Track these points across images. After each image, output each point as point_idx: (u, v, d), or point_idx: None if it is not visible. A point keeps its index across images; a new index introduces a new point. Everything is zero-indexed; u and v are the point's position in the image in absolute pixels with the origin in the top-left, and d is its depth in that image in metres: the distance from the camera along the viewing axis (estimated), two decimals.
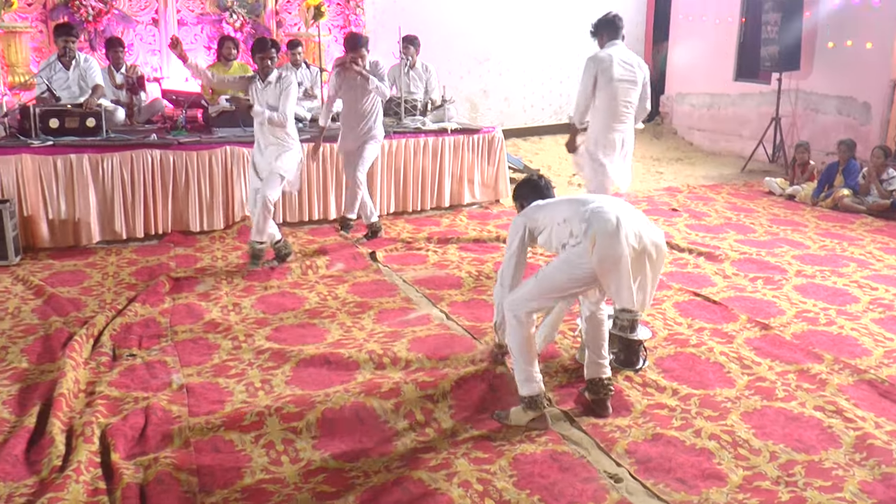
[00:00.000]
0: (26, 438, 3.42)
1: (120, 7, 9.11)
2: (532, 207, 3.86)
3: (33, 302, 5.17)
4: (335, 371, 4.13)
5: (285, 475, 3.26)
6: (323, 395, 3.81)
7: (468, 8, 11.28)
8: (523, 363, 3.63)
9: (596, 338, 3.86)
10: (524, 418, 3.64)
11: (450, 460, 3.36)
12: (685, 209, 8.00)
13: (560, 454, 3.42)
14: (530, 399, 3.62)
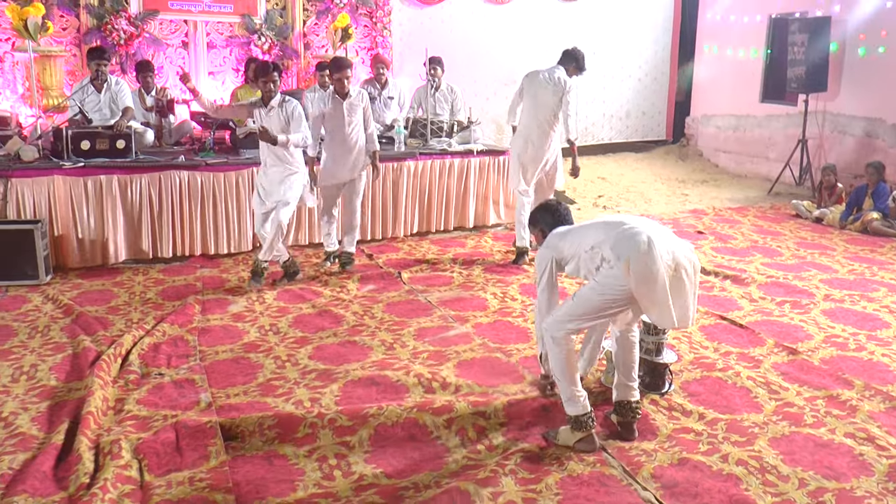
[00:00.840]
0: (54, 455, 3.46)
1: (151, 31, 9.28)
2: (554, 236, 3.84)
3: (62, 320, 5.24)
4: (384, 393, 4.14)
5: (337, 489, 3.29)
6: (376, 408, 3.83)
7: (494, 30, 11.36)
8: (566, 383, 3.61)
9: (627, 361, 3.82)
10: (572, 438, 3.63)
11: (497, 477, 3.35)
12: (711, 232, 7.95)
13: (607, 477, 3.40)
14: (576, 419, 3.60)
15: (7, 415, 3.88)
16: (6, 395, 4.12)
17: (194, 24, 9.52)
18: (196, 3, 9.44)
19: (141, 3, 9.17)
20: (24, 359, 4.59)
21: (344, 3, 9.96)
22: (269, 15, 9.75)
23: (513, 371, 4.42)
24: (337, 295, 5.85)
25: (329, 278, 6.24)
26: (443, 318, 5.37)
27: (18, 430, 3.72)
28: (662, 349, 4.22)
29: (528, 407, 3.93)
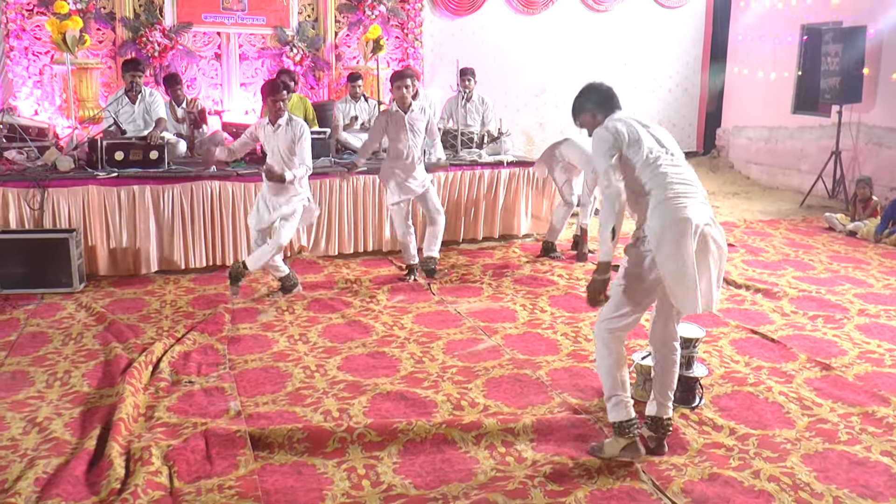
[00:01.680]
0: (86, 460, 3.50)
1: (184, 43, 9.42)
2: (614, 120, 3.63)
3: (95, 328, 5.30)
4: (413, 408, 4.12)
5: (366, 499, 3.29)
6: (405, 423, 3.83)
7: (525, 41, 11.40)
8: (611, 386, 3.56)
9: (665, 381, 3.72)
10: (617, 447, 3.57)
11: (526, 489, 3.33)
12: (742, 244, 7.86)
13: (637, 491, 3.36)
14: (619, 425, 3.55)
15: (41, 420, 3.94)
16: (41, 400, 4.18)
17: (227, 37, 9.66)
18: (229, 16, 9.58)
19: (175, 16, 9.33)
20: (58, 365, 4.66)
21: (375, 14, 10.06)
22: (301, 27, 9.87)
23: (542, 391, 4.38)
24: (366, 305, 5.86)
25: (359, 288, 6.26)
26: (472, 329, 5.36)
27: (52, 435, 3.77)
28: (693, 362, 4.18)
29: (557, 424, 3.90)
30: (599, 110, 3.77)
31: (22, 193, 6.20)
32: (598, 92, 3.82)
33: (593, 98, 3.81)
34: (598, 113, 3.77)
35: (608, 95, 3.80)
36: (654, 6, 12.09)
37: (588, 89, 3.85)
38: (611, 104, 3.77)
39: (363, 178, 7.10)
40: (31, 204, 6.21)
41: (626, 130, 3.57)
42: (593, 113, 3.79)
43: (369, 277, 6.58)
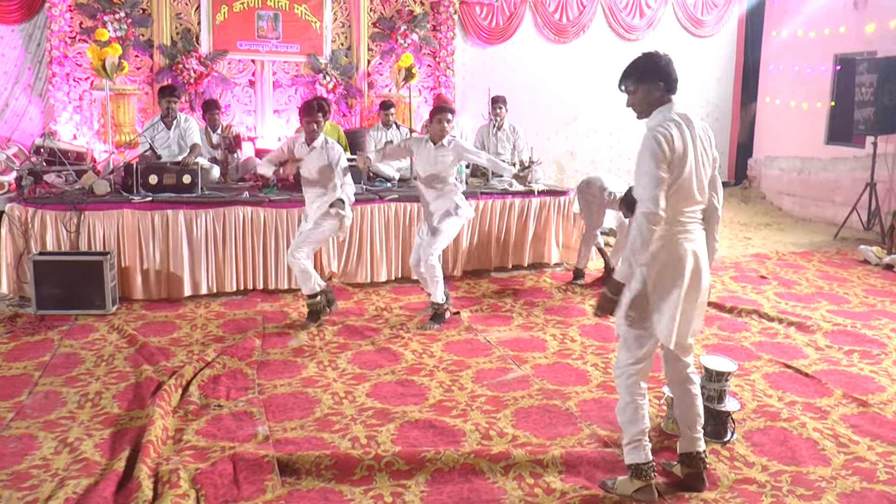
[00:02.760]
0: (115, 481, 3.52)
1: (219, 70, 9.58)
2: (670, 122, 3.27)
3: (126, 350, 5.35)
4: (441, 437, 4.09)
5: None
6: (433, 452, 3.80)
7: (556, 70, 11.44)
8: (634, 432, 3.48)
9: (690, 416, 3.64)
10: (630, 488, 3.50)
11: None
12: (774, 277, 7.77)
13: None
14: (636, 467, 3.48)
15: (73, 440, 3.98)
16: (72, 420, 4.22)
17: (261, 64, 9.81)
18: (264, 44, 9.73)
19: (211, 44, 9.49)
20: (90, 386, 4.71)
21: (408, 42, 10.16)
22: (334, 55, 9.99)
23: (571, 422, 4.33)
24: (396, 333, 5.86)
25: (389, 316, 6.26)
26: (502, 358, 5.33)
27: (82, 456, 3.81)
28: (725, 396, 4.12)
29: (586, 457, 3.85)
30: (665, 91, 3.34)
31: (60, 216, 6.31)
32: (667, 65, 3.34)
33: (663, 70, 3.33)
34: (663, 93, 3.34)
35: (674, 76, 3.35)
36: (685, 35, 12.10)
37: (657, 57, 3.37)
38: (674, 87, 3.35)
39: (394, 205, 7.13)
40: (67, 226, 6.31)
41: (680, 145, 3.24)
42: (656, 90, 3.35)
43: (399, 304, 6.58)
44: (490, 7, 10.80)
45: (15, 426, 4.15)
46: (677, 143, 3.24)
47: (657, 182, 3.19)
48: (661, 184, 3.19)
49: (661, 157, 3.19)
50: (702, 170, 3.37)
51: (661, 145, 3.20)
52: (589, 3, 11.37)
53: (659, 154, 3.19)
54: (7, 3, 8.94)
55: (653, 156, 3.20)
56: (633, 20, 11.70)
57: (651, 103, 3.36)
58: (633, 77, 3.37)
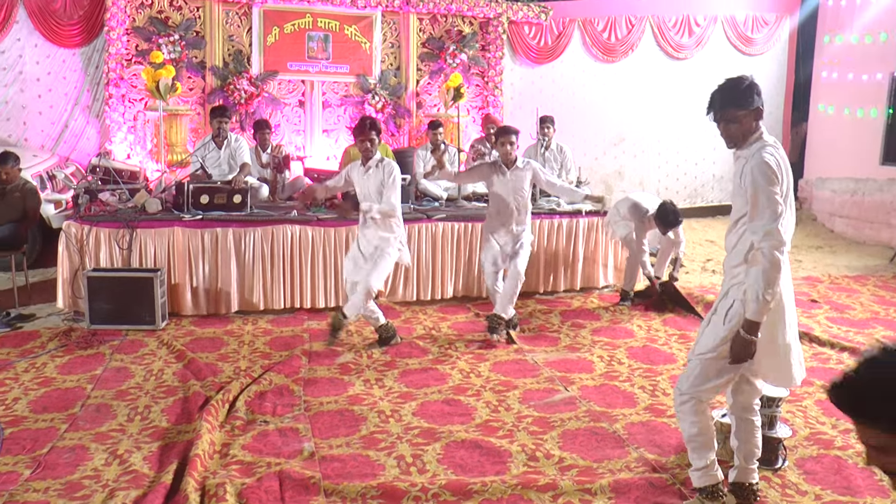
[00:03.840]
0: (163, 494, 3.55)
1: (270, 90, 9.75)
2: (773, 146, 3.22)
3: (175, 365, 5.43)
4: (487, 457, 4.06)
5: None
6: (480, 484, 3.75)
7: (604, 89, 11.41)
8: (702, 450, 3.41)
9: (749, 447, 3.54)
10: None
11: None
12: (826, 301, 7.58)
13: None
14: (711, 489, 3.42)
15: (122, 452, 4.04)
16: (122, 433, 4.29)
17: (311, 84, 9.95)
18: (314, 64, 9.88)
19: (262, 65, 9.67)
20: (139, 400, 4.78)
21: (457, 62, 10.23)
22: (383, 75, 10.09)
23: (618, 445, 4.26)
24: (444, 352, 5.85)
25: (437, 335, 6.27)
26: (549, 379, 5.28)
27: (132, 468, 3.86)
28: (776, 422, 4.02)
29: (634, 484, 3.78)
30: (760, 118, 3.23)
31: (113, 234, 6.45)
32: (758, 92, 3.21)
33: (758, 98, 3.20)
34: (758, 120, 3.23)
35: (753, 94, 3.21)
36: (734, 53, 11.97)
37: (754, 83, 3.22)
38: (757, 110, 3.23)
39: (441, 224, 7.14)
40: (120, 244, 6.45)
41: (784, 167, 3.17)
42: (755, 117, 3.22)
43: (447, 324, 6.58)
44: (539, 26, 10.83)
45: (68, 437, 4.24)
46: (784, 163, 3.19)
47: (777, 210, 3.13)
48: (782, 212, 3.15)
49: (776, 179, 3.14)
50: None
51: (774, 164, 3.14)
52: (638, 21, 11.34)
53: (772, 176, 3.13)
54: (69, 28, 9.24)
55: (769, 175, 3.12)
56: (681, 39, 11.63)
57: (750, 131, 3.25)
58: (735, 104, 3.21)
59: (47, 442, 4.16)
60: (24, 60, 9.27)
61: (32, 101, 9.36)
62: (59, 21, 9.21)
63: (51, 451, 4.05)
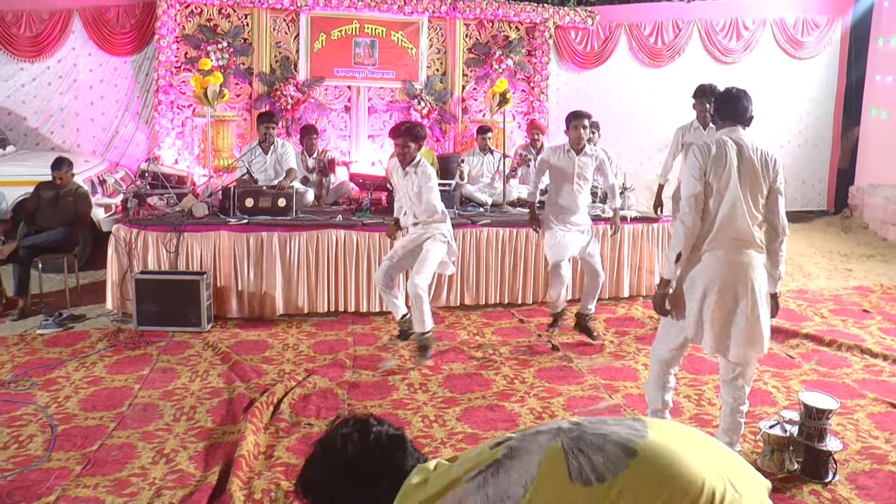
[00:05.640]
0: (209, 493, 3.61)
1: (316, 96, 9.84)
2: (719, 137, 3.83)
3: (220, 367, 5.49)
4: None
5: None
6: None
7: (650, 94, 11.29)
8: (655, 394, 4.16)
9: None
10: None
11: None
12: (878, 311, 7.39)
13: None
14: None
15: (169, 451, 4.11)
16: (168, 432, 4.36)
17: (357, 90, 10.02)
18: (360, 70, 9.95)
19: (309, 71, 9.76)
20: (185, 400, 4.85)
21: (503, 68, 10.22)
22: (429, 80, 10.12)
23: None
24: (489, 357, 5.83)
25: (482, 341, 6.24)
26: (594, 387, 5.24)
27: (178, 467, 3.92)
28: (826, 435, 3.92)
29: None
30: (717, 115, 3.93)
31: (160, 237, 6.56)
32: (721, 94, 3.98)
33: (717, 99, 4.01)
34: (722, 119, 3.90)
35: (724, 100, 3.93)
36: (783, 57, 11.76)
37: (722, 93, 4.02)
38: (726, 112, 3.89)
39: (486, 230, 7.12)
40: (167, 247, 6.55)
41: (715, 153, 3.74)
42: (717, 116, 3.95)
43: (491, 329, 6.55)
44: (585, 31, 10.77)
45: (116, 435, 4.31)
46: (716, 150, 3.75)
47: (690, 186, 3.76)
48: (696, 189, 3.74)
49: (695, 165, 3.75)
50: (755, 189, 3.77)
51: (697, 157, 3.76)
52: (685, 25, 11.21)
53: (694, 163, 3.76)
54: (122, 36, 9.45)
55: (690, 166, 3.79)
56: (729, 42, 11.46)
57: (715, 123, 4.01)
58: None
59: (97, 439, 4.25)
60: (78, 69, 9.50)
61: (85, 108, 9.58)
62: (112, 30, 9.42)
63: (100, 449, 4.13)
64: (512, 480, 1.77)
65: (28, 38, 9.25)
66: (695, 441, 1.90)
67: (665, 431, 1.89)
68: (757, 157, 3.76)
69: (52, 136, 9.53)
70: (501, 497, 1.75)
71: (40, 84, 9.42)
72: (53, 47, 9.33)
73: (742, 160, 3.72)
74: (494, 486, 1.77)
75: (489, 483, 1.77)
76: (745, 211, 3.71)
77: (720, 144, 3.74)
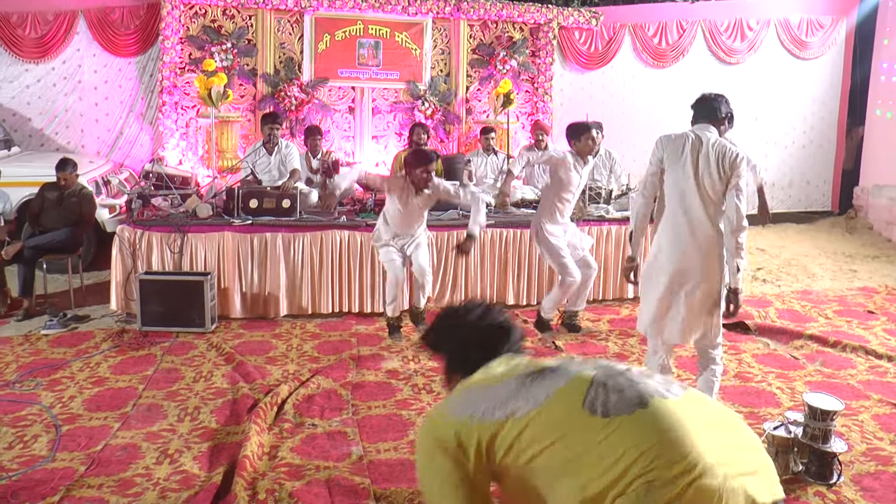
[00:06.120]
0: (213, 494, 3.62)
1: (320, 97, 9.85)
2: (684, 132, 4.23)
3: (224, 367, 5.49)
4: None
5: None
6: None
7: (654, 95, 11.27)
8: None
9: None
10: None
11: None
12: (883, 312, 7.36)
13: None
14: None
15: (173, 452, 4.12)
16: (172, 433, 4.36)
17: (361, 91, 10.02)
18: (364, 71, 9.95)
19: (313, 72, 9.77)
20: (189, 401, 4.86)
21: (507, 69, 10.21)
22: (433, 81, 10.11)
23: None
24: None
25: None
26: None
27: (182, 468, 3.93)
28: (830, 436, 3.91)
29: None
30: (693, 115, 4.24)
31: (164, 238, 6.56)
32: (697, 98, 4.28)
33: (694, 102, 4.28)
34: (693, 118, 4.24)
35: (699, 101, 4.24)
36: (788, 58, 11.74)
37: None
38: (699, 112, 4.20)
39: (490, 231, 7.11)
40: (172, 248, 6.56)
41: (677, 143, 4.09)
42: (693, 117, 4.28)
43: None
44: (589, 32, 10.76)
45: (121, 435, 4.32)
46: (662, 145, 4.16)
47: (646, 171, 4.24)
48: (649, 172, 4.22)
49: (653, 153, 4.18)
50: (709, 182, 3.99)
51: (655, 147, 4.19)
52: (689, 26, 11.19)
53: (654, 150, 4.19)
54: (126, 37, 9.46)
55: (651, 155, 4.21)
56: (734, 43, 11.44)
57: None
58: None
59: (101, 440, 4.26)
60: (82, 70, 9.52)
61: (89, 109, 9.60)
62: (117, 31, 9.44)
63: (104, 449, 4.14)
64: (542, 388, 2.11)
65: (33, 39, 9.27)
66: (723, 428, 1.98)
67: (697, 406, 2.03)
68: (714, 153, 3.98)
69: (56, 136, 9.55)
70: (526, 398, 2.09)
71: (45, 85, 9.44)
72: (58, 48, 9.35)
73: (698, 153, 3.99)
74: (528, 388, 2.13)
75: (526, 385, 2.14)
76: (699, 201, 3.95)
77: (680, 137, 4.08)
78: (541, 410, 2.03)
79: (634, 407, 1.95)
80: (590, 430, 1.94)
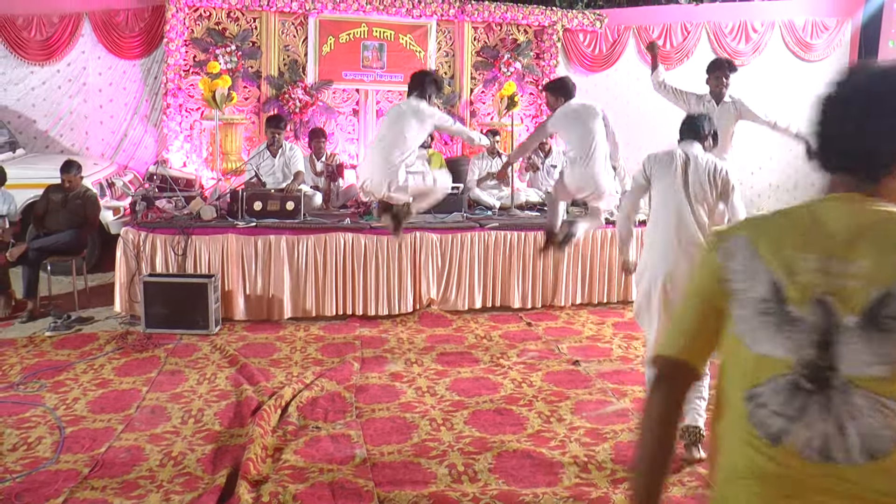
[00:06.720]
0: (217, 496, 3.60)
1: (324, 99, 9.83)
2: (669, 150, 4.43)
3: (228, 370, 5.48)
4: (538, 468, 4.02)
5: None
6: (531, 495, 3.71)
7: (658, 98, 11.16)
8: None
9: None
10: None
11: None
12: None
13: None
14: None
15: (177, 454, 4.10)
16: (176, 435, 4.35)
17: (365, 93, 10.01)
18: (368, 73, 9.94)
19: (317, 74, 9.75)
20: (193, 403, 4.84)
21: (511, 71, 10.19)
22: None
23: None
24: (496, 361, 5.80)
25: (489, 344, 6.22)
26: (602, 391, 5.20)
27: (186, 470, 3.91)
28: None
29: (690, 501, 3.72)
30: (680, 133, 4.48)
31: (168, 240, 6.55)
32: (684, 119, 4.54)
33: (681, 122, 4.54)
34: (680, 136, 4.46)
35: (685, 122, 4.49)
36: (793, 60, 11.69)
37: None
38: (686, 131, 4.42)
39: (494, 233, 7.09)
40: (175, 250, 6.55)
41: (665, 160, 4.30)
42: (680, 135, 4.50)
43: (498, 333, 6.52)
44: (594, 34, 10.73)
45: (125, 437, 4.31)
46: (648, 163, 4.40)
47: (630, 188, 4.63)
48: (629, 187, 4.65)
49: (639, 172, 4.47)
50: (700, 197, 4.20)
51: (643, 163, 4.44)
52: (693, 28, 11.16)
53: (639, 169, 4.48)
54: (131, 40, 9.46)
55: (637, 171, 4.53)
56: (738, 45, 11.40)
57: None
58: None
59: (105, 442, 4.24)
60: (87, 72, 9.52)
61: (94, 111, 9.60)
62: (122, 33, 9.45)
63: (108, 451, 4.13)
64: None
65: (38, 41, 9.28)
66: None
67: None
68: (704, 169, 4.22)
69: (61, 139, 9.55)
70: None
71: (50, 87, 9.45)
72: (63, 51, 9.36)
73: (688, 170, 4.22)
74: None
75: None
76: (691, 215, 4.13)
77: (668, 154, 4.30)
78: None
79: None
80: None
